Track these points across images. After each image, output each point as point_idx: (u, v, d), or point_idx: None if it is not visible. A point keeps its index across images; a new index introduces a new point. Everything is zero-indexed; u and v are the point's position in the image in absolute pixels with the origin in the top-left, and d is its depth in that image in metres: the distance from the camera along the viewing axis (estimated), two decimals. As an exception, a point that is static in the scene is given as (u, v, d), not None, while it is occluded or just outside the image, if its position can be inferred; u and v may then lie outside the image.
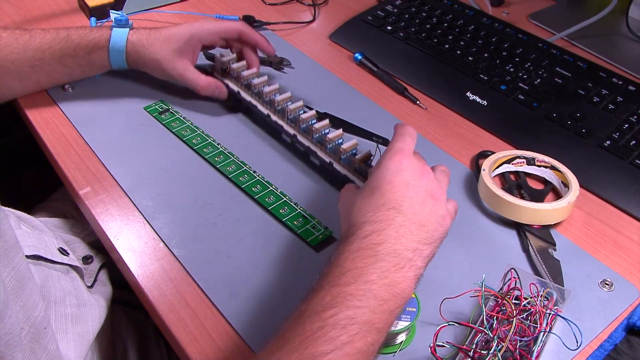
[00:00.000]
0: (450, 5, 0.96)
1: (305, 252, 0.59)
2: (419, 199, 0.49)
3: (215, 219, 0.62)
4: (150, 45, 0.72)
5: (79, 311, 0.61)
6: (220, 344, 0.51)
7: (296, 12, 1.00)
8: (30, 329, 0.51)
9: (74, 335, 0.59)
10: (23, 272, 0.51)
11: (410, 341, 0.51)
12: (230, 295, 0.55)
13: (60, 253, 0.64)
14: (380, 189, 0.49)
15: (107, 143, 0.70)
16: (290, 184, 0.66)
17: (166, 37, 0.72)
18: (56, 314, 0.59)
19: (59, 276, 0.62)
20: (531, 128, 0.75)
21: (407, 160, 0.51)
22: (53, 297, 0.59)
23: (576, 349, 0.50)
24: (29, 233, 0.63)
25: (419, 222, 0.48)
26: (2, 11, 0.95)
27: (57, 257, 0.62)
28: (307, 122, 0.68)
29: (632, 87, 0.78)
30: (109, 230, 0.61)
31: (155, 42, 0.72)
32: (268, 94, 0.72)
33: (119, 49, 0.72)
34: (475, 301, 0.53)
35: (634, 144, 0.70)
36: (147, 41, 0.72)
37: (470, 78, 0.82)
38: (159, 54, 0.72)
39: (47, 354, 0.52)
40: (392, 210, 0.48)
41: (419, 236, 0.48)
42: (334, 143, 0.65)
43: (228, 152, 0.70)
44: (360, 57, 0.87)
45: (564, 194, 0.64)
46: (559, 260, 0.58)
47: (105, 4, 0.93)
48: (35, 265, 0.59)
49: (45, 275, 0.60)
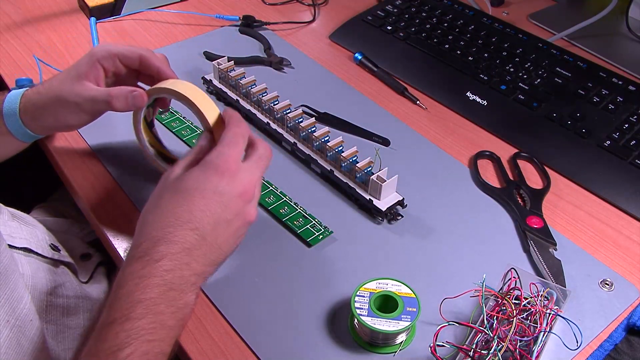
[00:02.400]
0: (450, 5, 0.96)
1: (305, 252, 0.59)
2: (225, 222, 0.48)
3: (215, 219, 0.62)
4: (46, 89, 0.61)
5: (71, 302, 0.61)
6: (220, 344, 0.51)
7: (296, 12, 1.00)
8: (15, 322, 0.51)
9: (64, 327, 0.60)
10: (7, 264, 0.51)
11: (410, 341, 0.51)
12: (230, 295, 0.55)
13: (52, 249, 0.64)
14: (191, 201, 0.47)
15: (107, 143, 0.70)
16: (290, 184, 0.66)
17: (64, 71, 0.62)
18: (47, 304, 0.59)
19: (50, 269, 0.62)
20: (531, 128, 0.75)
21: (231, 177, 0.49)
22: (45, 288, 0.60)
23: (576, 349, 0.50)
24: (22, 227, 0.63)
25: (216, 244, 0.48)
26: (2, 11, 0.95)
27: (48, 253, 0.63)
28: (306, 130, 0.67)
29: (632, 87, 0.78)
30: (109, 230, 0.61)
31: (52, 80, 0.61)
32: (267, 102, 0.71)
33: (12, 109, 0.61)
34: (475, 301, 0.53)
35: (634, 144, 0.70)
36: (43, 87, 0.61)
37: (470, 78, 0.82)
38: (57, 88, 0.60)
39: (34, 346, 0.52)
40: (192, 232, 0.46)
41: (210, 258, 0.48)
42: (334, 151, 0.65)
43: (228, 152, 0.69)
44: (360, 57, 0.87)
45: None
46: (560, 260, 0.58)
47: (105, 4, 0.93)
48: (25, 257, 0.60)
49: (36, 267, 0.60)
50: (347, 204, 0.64)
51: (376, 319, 0.49)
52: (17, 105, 0.61)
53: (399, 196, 0.62)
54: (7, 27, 0.91)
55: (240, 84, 0.74)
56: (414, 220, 0.63)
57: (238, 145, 0.51)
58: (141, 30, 0.93)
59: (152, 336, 0.42)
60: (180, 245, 0.45)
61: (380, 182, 0.60)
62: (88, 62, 0.60)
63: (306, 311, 0.53)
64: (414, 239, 0.61)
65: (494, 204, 0.65)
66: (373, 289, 0.51)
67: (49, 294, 0.60)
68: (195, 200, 0.47)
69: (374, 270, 0.57)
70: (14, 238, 0.60)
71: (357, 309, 0.50)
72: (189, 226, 0.46)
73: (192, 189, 0.48)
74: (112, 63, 0.61)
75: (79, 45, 0.88)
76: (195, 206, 0.47)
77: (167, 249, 0.45)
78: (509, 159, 0.71)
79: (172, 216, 0.47)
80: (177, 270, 0.44)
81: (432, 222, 0.63)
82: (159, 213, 0.47)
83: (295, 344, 0.51)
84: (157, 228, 0.46)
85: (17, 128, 0.61)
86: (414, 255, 0.59)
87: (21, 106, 0.61)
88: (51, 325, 0.59)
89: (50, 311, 0.60)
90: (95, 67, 0.60)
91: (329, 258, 0.58)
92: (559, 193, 0.67)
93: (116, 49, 0.61)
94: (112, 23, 0.94)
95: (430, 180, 0.68)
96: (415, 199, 0.64)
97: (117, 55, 0.61)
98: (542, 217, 0.63)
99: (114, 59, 0.61)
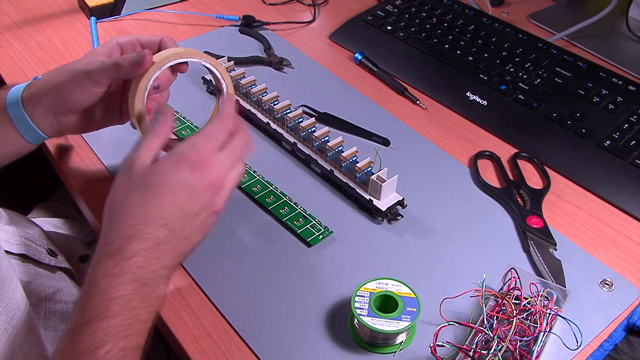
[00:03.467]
0: (450, 5, 0.96)
1: (305, 252, 0.59)
2: (192, 214, 0.48)
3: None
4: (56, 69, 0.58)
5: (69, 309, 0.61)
6: (220, 344, 0.51)
7: (296, 12, 1.00)
8: (13, 330, 0.51)
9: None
10: (4, 272, 0.51)
11: (410, 341, 0.51)
12: (230, 295, 0.55)
13: (49, 254, 0.64)
14: (160, 196, 0.47)
15: (107, 143, 0.70)
16: (290, 184, 0.66)
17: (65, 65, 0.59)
18: (45, 310, 0.59)
19: (47, 274, 0.62)
20: (531, 128, 0.75)
21: (202, 169, 0.49)
22: (43, 294, 0.59)
23: (576, 349, 0.50)
24: (19, 232, 0.63)
25: (184, 237, 0.48)
26: (2, 11, 0.95)
27: (45, 259, 0.63)
28: (306, 130, 0.67)
29: (632, 87, 0.78)
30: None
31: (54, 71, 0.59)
32: (267, 102, 0.71)
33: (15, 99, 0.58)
34: (475, 301, 0.53)
35: (634, 144, 0.70)
36: (47, 72, 0.59)
37: (470, 78, 0.82)
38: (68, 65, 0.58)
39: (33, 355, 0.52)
40: (162, 228, 0.46)
41: (179, 251, 0.48)
42: (334, 151, 0.65)
43: (228, 152, 0.69)
44: (360, 57, 0.87)
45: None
46: (560, 260, 0.58)
47: (105, 4, 0.93)
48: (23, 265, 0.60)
49: (33, 273, 0.60)
50: (347, 204, 0.64)
51: (376, 319, 0.49)
52: (20, 93, 0.58)
53: (399, 196, 0.62)
54: (7, 27, 0.91)
55: (240, 84, 0.74)
56: (414, 220, 0.63)
57: (214, 139, 0.51)
58: (141, 30, 0.93)
59: (128, 332, 0.43)
60: (151, 242, 0.46)
61: (380, 182, 0.60)
62: (106, 44, 0.59)
63: (306, 311, 0.53)
64: (414, 239, 0.61)
65: (494, 204, 0.65)
66: (373, 289, 0.51)
67: (47, 300, 0.60)
68: (165, 196, 0.47)
69: (374, 270, 0.57)
70: (11, 244, 0.60)
71: (357, 309, 0.50)
72: (159, 222, 0.46)
73: (162, 185, 0.47)
74: (131, 47, 0.59)
75: (79, 45, 0.88)
76: (165, 201, 0.47)
77: (138, 246, 0.45)
78: (509, 159, 0.71)
79: (142, 212, 0.47)
80: (149, 266, 0.45)
81: (432, 222, 0.63)
82: (129, 209, 0.47)
83: (295, 344, 0.51)
84: (128, 225, 0.46)
85: (19, 117, 0.58)
86: (414, 255, 0.59)
87: (24, 94, 0.58)
88: (50, 332, 0.59)
89: (49, 317, 0.59)
90: (113, 48, 0.59)
91: (329, 258, 0.58)
92: (559, 193, 0.67)
93: (137, 36, 0.60)
94: (112, 23, 0.94)
95: (430, 180, 0.68)
96: (415, 199, 0.64)
97: (139, 40, 0.59)
98: (542, 217, 0.63)
99: (135, 43, 0.59)
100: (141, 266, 0.45)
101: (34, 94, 0.58)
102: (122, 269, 0.44)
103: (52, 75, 0.58)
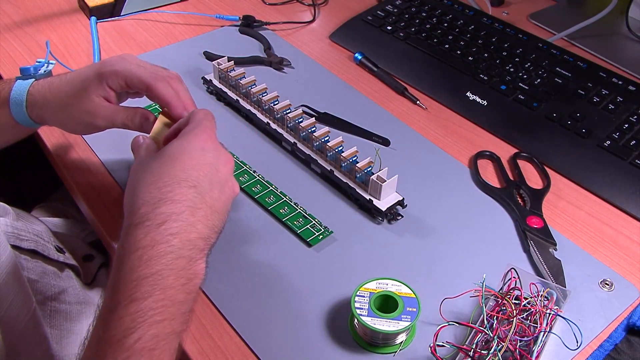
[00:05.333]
0: (450, 5, 0.96)
1: (305, 252, 0.59)
2: (218, 185, 0.46)
3: (215, 219, 0.62)
4: (52, 94, 0.57)
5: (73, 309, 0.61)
6: (220, 344, 0.51)
7: (296, 12, 1.00)
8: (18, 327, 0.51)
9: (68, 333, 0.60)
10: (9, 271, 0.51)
11: (410, 341, 0.51)
12: (230, 296, 0.55)
13: (57, 251, 0.64)
14: (182, 161, 0.44)
15: (108, 143, 0.70)
16: (290, 184, 0.66)
17: (69, 80, 0.57)
18: (51, 309, 0.59)
19: (55, 272, 0.62)
20: (531, 128, 0.75)
21: (213, 144, 0.48)
22: (49, 293, 0.60)
23: (576, 349, 0.50)
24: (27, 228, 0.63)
25: (214, 207, 0.45)
26: (2, 11, 0.95)
27: (54, 255, 0.63)
28: (306, 130, 0.67)
29: (632, 87, 0.78)
30: (109, 231, 0.61)
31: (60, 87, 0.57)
32: (267, 102, 0.71)
33: (19, 101, 0.58)
34: (475, 301, 0.53)
35: (634, 144, 0.70)
36: (49, 90, 0.58)
37: (470, 78, 0.82)
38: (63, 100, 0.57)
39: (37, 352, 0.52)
40: (192, 190, 0.43)
41: (213, 222, 0.44)
42: (334, 151, 0.65)
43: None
44: (360, 57, 0.87)
45: None
46: (560, 260, 0.58)
47: (105, 4, 0.93)
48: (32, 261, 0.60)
49: (41, 271, 0.60)
50: (347, 204, 0.64)
51: (376, 319, 0.49)
52: (25, 97, 0.58)
53: (399, 196, 0.62)
54: (7, 27, 0.91)
55: (240, 84, 0.74)
56: (414, 220, 0.63)
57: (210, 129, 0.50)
58: (141, 30, 0.93)
59: (161, 316, 0.38)
60: (184, 204, 0.41)
61: (380, 182, 0.60)
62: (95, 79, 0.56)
63: (306, 311, 0.53)
64: (414, 239, 0.61)
65: (494, 204, 0.65)
66: (373, 289, 0.51)
67: (53, 300, 0.60)
68: (185, 160, 0.45)
69: (374, 270, 0.57)
70: (21, 240, 0.60)
71: (357, 309, 0.50)
72: (187, 184, 0.43)
73: (177, 153, 0.45)
74: (118, 85, 0.56)
75: (78, 45, 0.88)
76: (187, 165, 0.44)
77: (170, 208, 0.41)
78: (509, 159, 0.71)
79: (166, 177, 0.43)
80: (184, 233, 0.41)
81: (432, 222, 0.63)
82: (150, 178, 0.43)
83: (295, 344, 0.51)
84: (153, 190, 0.42)
85: (23, 119, 0.59)
86: (414, 255, 0.59)
87: (28, 102, 0.57)
88: (55, 331, 0.59)
89: (54, 316, 0.59)
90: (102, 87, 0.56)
91: (329, 258, 0.58)
92: (559, 193, 0.67)
93: (124, 70, 0.55)
94: (112, 23, 0.94)
95: (430, 180, 0.68)
96: (415, 199, 0.64)
97: (124, 78, 0.55)
98: (542, 217, 0.63)
99: (120, 80, 0.55)
100: (175, 233, 0.40)
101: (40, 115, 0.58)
102: (154, 238, 0.39)
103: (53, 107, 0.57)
